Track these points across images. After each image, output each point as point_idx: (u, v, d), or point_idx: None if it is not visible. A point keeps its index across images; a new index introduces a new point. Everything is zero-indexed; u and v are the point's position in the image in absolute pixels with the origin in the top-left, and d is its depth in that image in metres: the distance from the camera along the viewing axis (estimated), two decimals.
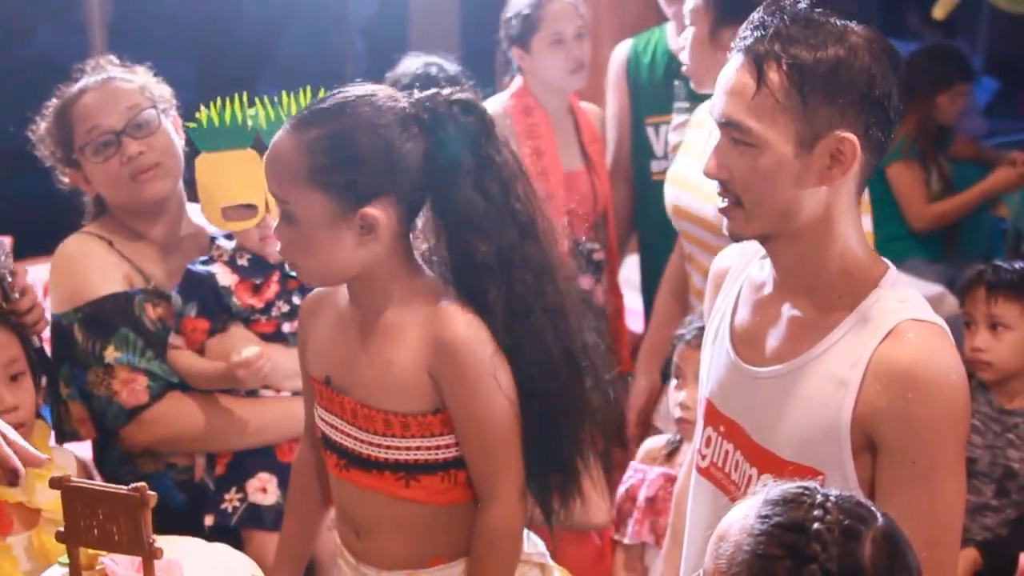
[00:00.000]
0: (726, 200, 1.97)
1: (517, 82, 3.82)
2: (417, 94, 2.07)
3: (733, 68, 1.94)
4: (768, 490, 1.58)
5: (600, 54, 4.17)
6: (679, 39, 3.83)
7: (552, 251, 2.12)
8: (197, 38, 5.65)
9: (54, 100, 2.73)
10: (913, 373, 1.85)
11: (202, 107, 2.58)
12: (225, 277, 2.67)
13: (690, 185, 3.04)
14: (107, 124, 2.65)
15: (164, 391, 2.65)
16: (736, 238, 2.02)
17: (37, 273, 4.03)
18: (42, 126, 2.73)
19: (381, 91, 2.06)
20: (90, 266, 2.68)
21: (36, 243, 4.24)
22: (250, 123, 2.53)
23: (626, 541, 3.05)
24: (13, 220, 4.46)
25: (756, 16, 1.94)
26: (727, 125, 1.93)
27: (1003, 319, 3.00)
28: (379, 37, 5.71)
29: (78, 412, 2.65)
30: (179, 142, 2.74)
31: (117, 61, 2.80)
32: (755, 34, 1.92)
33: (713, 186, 1.99)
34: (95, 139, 2.65)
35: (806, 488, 1.56)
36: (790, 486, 1.58)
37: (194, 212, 2.82)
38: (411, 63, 3.67)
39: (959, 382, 1.88)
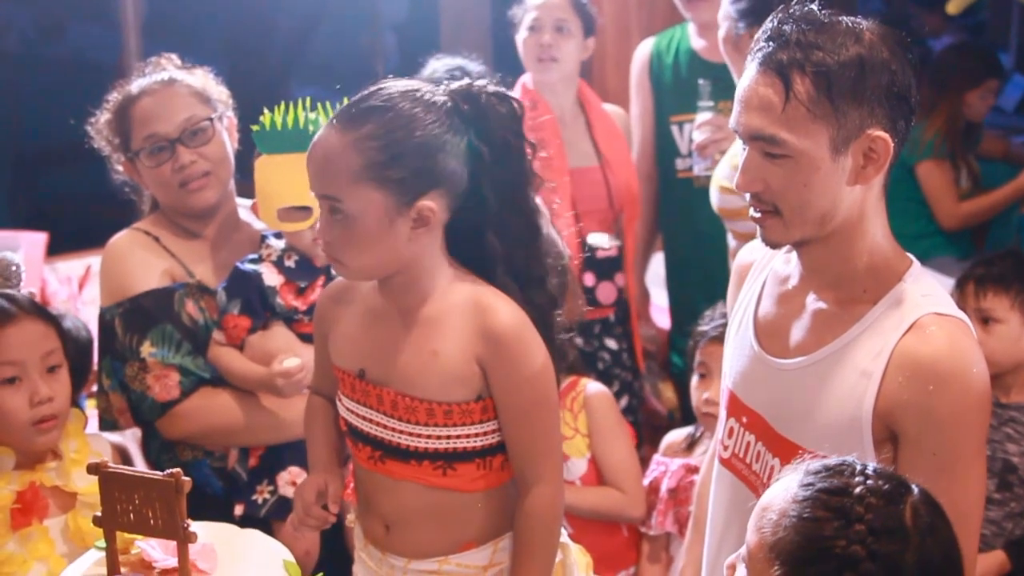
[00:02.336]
0: (760, 211, 1.98)
1: (525, 77, 3.82)
2: (451, 84, 2.11)
3: (755, 81, 1.93)
4: (807, 464, 1.64)
5: (629, 55, 4.17)
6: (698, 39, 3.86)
7: (551, 249, 2.22)
8: (230, 37, 5.68)
9: (114, 94, 2.79)
10: (935, 366, 1.87)
11: (265, 110, 2.63)
12: (271, 277, 2.71)
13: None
14: (163, 131, 2.71)
15: (196, 386, 2.70)
16: (774, 246, 2.03)
17: (71, 268, 4.10)
18: (101, 119, 2.79)
19: (422, 85, 2.10)
20: (134, 263, 2.75)
21: (71, 239, 4.31)
22: (311, 128, 2.56)
23: (651, 532, 3.08)
24: (49, 216, 4.52)
25: (770, 25, 1.94)
26: (758, 139, 1.93)
27: (993, 313, 2.99)
28: (410, 35, 5.74)
29: (118, 403, 2.73)
30: (231, 147, 2.81)
31: (178, 61, 2.86)
32: (773, 44, 1.92)
33: None
34: (150, 145, 2.72)
35: (844, 460, 1.63)
36: (828, 460, 1.64)
37: (243, 208, 2.88)
38: (436, 66, 3.69)
39: (980, 375, 1.90)
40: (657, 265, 4.22)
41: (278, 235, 2.74)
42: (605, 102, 3.99)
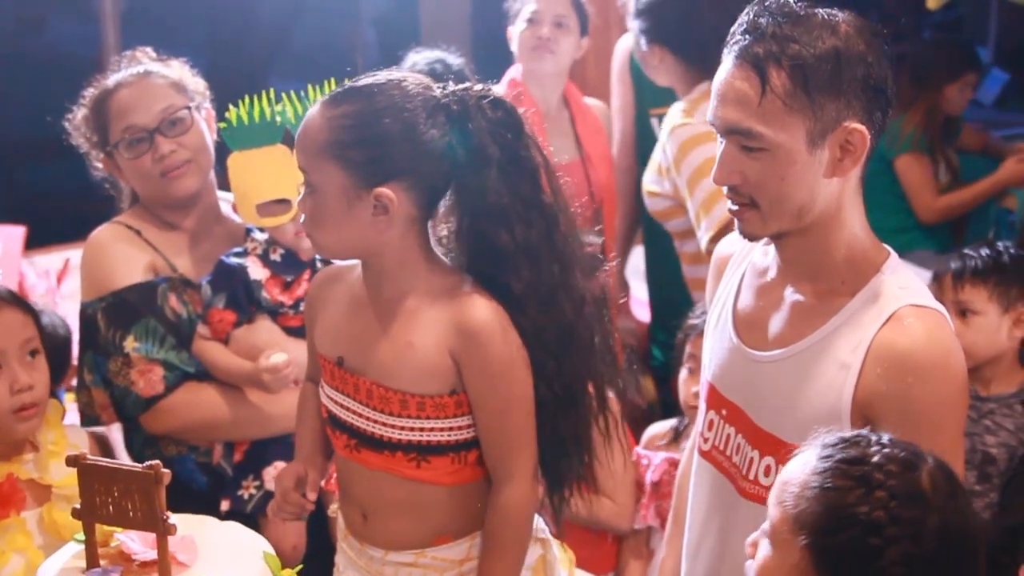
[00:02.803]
0: (737, 203, 1.99)
1: (513, 71, 3.82)
2: (452, 86, 2.11)
3: (731, 75, 1.93)
4: (823, 437, 1.67)
5: (609, 49, 4.18)
6: None
7: (575, 244, 2.17)
8: (209, 30, 5.67)
9: (91, 89, 2.77)
10: (913, 358, 1.88)
11: (230, 106, 2.63)
12: (257, 271, 2.70)
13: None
14: (141, 123, 2.69)
15: (181, 381, 2.69)
16: (751, 238, 2.04)
17: (50, 262, 4.09)
18: (78, 115, 2.78)
19: (414, 78, 2.10)
20: (116, 257, 2.73)
21: (49, 232, 4.30)
22: (279, 119, 2.56)
23: (633, 526, 3.08)
24: (27, 209, 4.51)
25: (745, 18, 1.94)
26: (735, 132, 1.94)
27: (971, 305, 2.99)
28: (390, 28, 5.73)
29: (100, 399, 2.70)
30: (210, 136, 2.78)
31: (153, 54, 2.84)
32: (748, 37, 1.92)
33: None
34: (129, 136, 2.70)
35: (859, 432, 1.68)
36: (843, 432, 1.68)
37: (226, 201, 2.87)
38: (416, 59, 3.68)
39: (958, 366, 1.91)
40: (636, 258, 4.22)
41: (262, 230, 2.73)
42: (585, 96, 4.00)
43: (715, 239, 3.09)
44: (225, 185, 2.77)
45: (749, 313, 2.10)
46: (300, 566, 2.00)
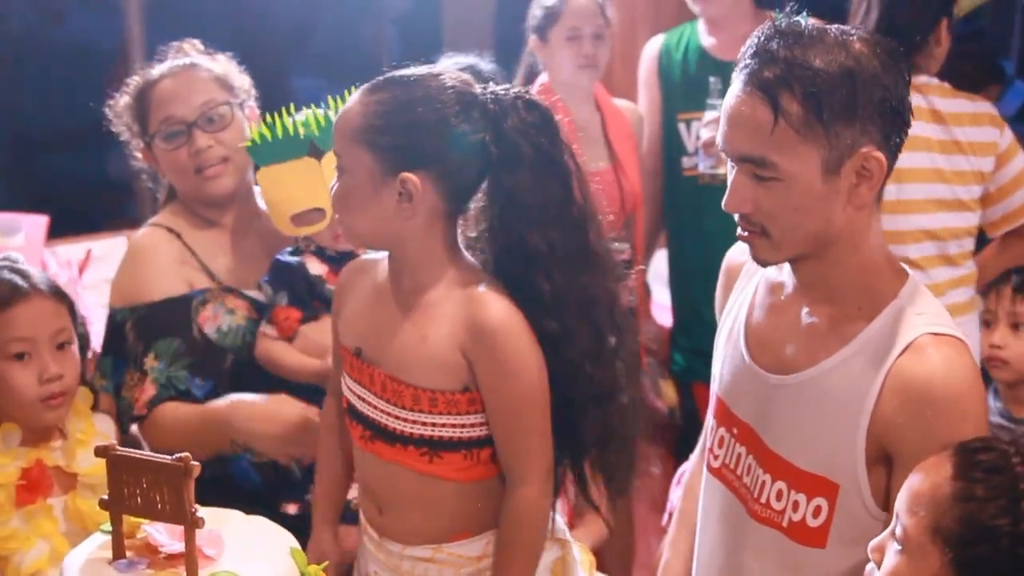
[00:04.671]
0: (748, 231, 1.95)
1: (542, 78, 3.82)
2: (493, 86, 2.14)
3: (741, 101, 1.88)
4: (956, 444, 1.69)
5: (635, 51, 4.17)
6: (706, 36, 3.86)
7: (605, 251, 2.18)
8: (233, 25, 5.67)
9: (135, 78, 2.75)
10: (931, 389, 1.84)
11: (251, 126, 2.66)
12: (316, 266, 2.68)
13: None
14: (180, 114, 2.67)
15: (160, 402, 2.63)
16: (763, 264, 2.00)
17: (71, 252, 4.09)
18: (120, 102, 2.75)
19: (454, 74, 2.13)
20: (154, 267, 2.70)
21: (72, 222, 4.30)
22: (303, 131, 2.56)
23: None
24: (50, 199, 4.51)
25: (754, 40, 1.89)
26: (747, 161, 1.89)
27: None
28: (412, 28, 5.73)
29: (107, 404, 2.66)
30: (245, 129, 2.74)
31: (200, 46, 2.82)
32: (757, 61, 1.86)
33: None
34: (167, 128, 2.68)
35: (992, 438, 1.70)
36: (974, 440, 1.69)
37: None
38: (447, 64, 3.67)
39: (977, 397, 1.88)
40: (659, 262, 4.21)
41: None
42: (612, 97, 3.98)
43: None
44: None
45: (762, 332, 2.07)
46: (326, 562, 1.99)
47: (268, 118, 2.61)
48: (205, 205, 2.75)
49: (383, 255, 2.23)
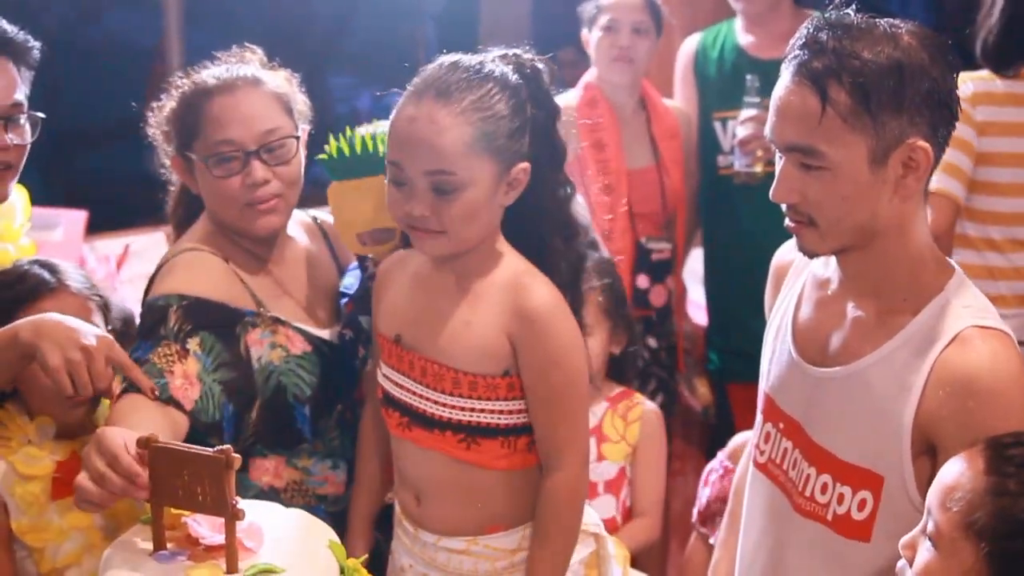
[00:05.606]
0: (795, 221, 1.96)
1: (589, 74, 3.81)
2: (510, 60, 2.15)
3: (790, 91, 1.90)
4: (988, 438, 1.69)
5: (671, 50, 4.16)
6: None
7: (580, 221, 2.28)
8: (270, 24, 5.69)
9: (184, 81, 2.45)
10: (976, 381, 1.84)
11: (331, 138, 2.47)
12: None
13: None
14: (240, 140, 2.36)
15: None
16: (810, 255, 2.01)
17: (110, 247, 4.12)
18: (167, 107, 2.46)
19: (487, 59, 2.13)
20: (210, 273, 2.40)
21: (110, 218, 4.34)
22: (382, 148, 2.38)
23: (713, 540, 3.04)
24: (88, 195, 4.54)
25: (804, 32, 1.91)
26: (794, 150, 1.91)
27: None
28: (450, 25, 5.73)
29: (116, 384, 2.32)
30: (302, 164, 2.49)
31: (263, 56, 2.54)
32: (807, 52, 1.88)
33: None
34: (222, 151, 2.37)
35: (1019, 432, 1.69)
36: (1006, 434, 1.70)
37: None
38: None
39: (1021, 391, 1.87)
40: (694, 262, 4.21)
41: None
42: None
43: None
44: (306, 200, 2.57)
45: (809, 327, 2.08)
46: (365, 556, 2.00)
47: (348, 131, 2.47)
48: (245, 237, 2.47)
49: None
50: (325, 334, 2.50)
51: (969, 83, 3.16)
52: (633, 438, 2.97)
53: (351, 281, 2.55)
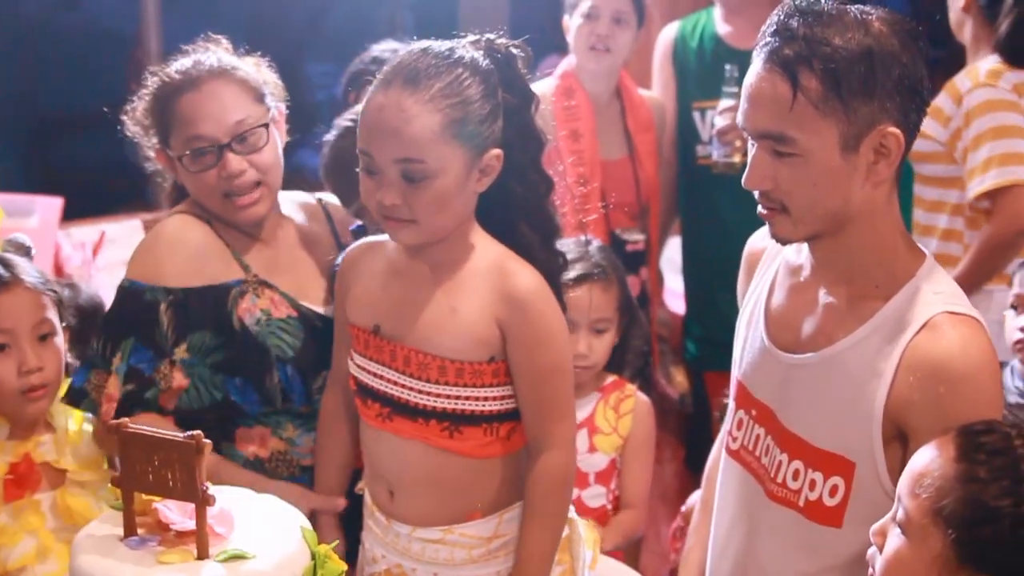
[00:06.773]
0: (767, 208, 1.97)
1: (566, 62, 3.79)
2: (481, 46, 2.14)
3: (761, 78, 1.90)
4: (959, 427, 1.69)
5: (650, 39, 4.15)
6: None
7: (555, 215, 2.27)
8: (248, 12, 5.67)
9: (155, 77, 2.47)
10: (946, 367, 1.85)
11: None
12: None
13: None
14: (211, 135, 2.39)
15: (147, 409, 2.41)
16: (783, 242, 2.02)
17: (85, 234, 4.10)
18: (140, 106, 2.48)
19: (459, 44, 2.12)
20: (191, 250, 2.44)
21: (86, 205, 4.32)
22: None
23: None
24: (64, 182, 4.52)
25: (775, 19, 1.91)
26: (766, 137, 1.91)
27: None
28: (428, 12, 5.72)
29: (112, 389, 2.43)
30: (282, 141, 2.52)
31: (228, 45, 2.54)
32: (778, 39, 1.88)
33: None
34: (195, 147, 2.41)
35: (993, 421, 1.70)
36: (976, 423, 1.70)
37: (287, 201, 2.64)
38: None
39: (993, 376, 1.89)
40: (671, 251, 4.21)
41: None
42: None
43: (983, 196, 3.28)
44: (288, 184, 2.59)
45: (781, 313, 2.08)
46: (336, 541, 2.00)
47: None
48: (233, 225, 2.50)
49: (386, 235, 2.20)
50: (319, 309, 2.53)
51: (1009, 75, 3.30)
52: (625, 430, 2.97)
53: None
